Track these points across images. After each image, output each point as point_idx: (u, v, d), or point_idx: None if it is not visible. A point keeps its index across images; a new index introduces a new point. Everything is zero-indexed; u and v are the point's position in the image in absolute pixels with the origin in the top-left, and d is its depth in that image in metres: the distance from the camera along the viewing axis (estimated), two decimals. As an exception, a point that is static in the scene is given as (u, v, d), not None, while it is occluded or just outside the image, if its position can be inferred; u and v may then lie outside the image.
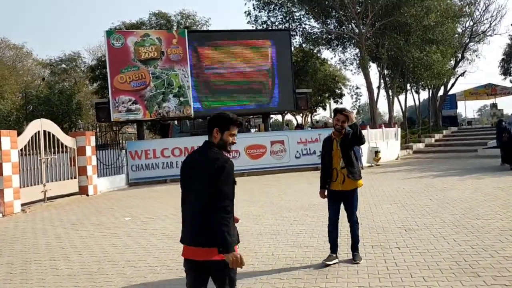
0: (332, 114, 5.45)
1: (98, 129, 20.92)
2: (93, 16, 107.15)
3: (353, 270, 5.06)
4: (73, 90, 31.47)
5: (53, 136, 13.83)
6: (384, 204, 9.32)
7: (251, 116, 25.76)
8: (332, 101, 38.04)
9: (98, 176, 15.95)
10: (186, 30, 20.34)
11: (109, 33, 18.58)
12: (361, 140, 5.27)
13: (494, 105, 38.29)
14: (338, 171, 5.34)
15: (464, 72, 37.55)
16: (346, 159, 5.33)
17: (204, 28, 33.72)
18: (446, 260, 5.19)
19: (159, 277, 5.33)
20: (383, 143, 22.18)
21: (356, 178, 5.38)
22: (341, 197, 5.45)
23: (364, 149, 20.57)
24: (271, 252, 6.15)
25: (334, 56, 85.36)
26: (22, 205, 12.14)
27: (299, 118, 44.54)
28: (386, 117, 41.55)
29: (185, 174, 2.96)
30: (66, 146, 14.50)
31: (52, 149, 13.74)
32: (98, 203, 12.98)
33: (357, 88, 34.21)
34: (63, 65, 40.51)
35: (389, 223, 7.46)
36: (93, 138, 15.74)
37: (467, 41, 34.52)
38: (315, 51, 29.35)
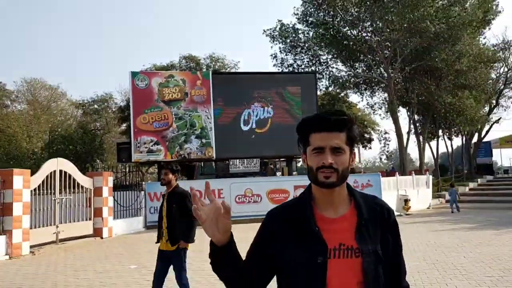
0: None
1: (127, 169, 20.72)
2: (127, 59, 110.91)
3: None
4: (103, 130, 31.82)
5: (70, 175, 13.57)
6: (412, 261, 8.40)
7: (276, 160, 25.19)
8: (361, 146, 37.11)
9: (114, 218, 15.49)
10: (210, 72, 20.32)
11: (134, 73, 18.65)
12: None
13: (532, 154, 36.57)
14: (164, 230, 5.21)
15: (499, 119, 36.25)
16: (168, 217, 5.21)
17: (233, 71, 33.97)
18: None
19: None
20: (413, 191, 21.10)
21: (174, 243, 5.14)
22: (168, 257, 5.21)
23: (393, 196, 19.58)
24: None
25: (362, 100, 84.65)
26: (33, 246, 11.75)
27: (327, 163, 43.63)
28: (418, 163, 40.21)
29: None
30: (82, 187, 14.21)
31: (68, 189, 13.46)
32: (110, 247, 12.45)
33: (386, 133, 33.34)
34: (95, 106, 41.35)
35: (417, 284, 6.60)
36: (110, 179, 15.42)
37: (502, 87, 33.47)
38: (342, 94, 28.89)
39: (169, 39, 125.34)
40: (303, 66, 27.23)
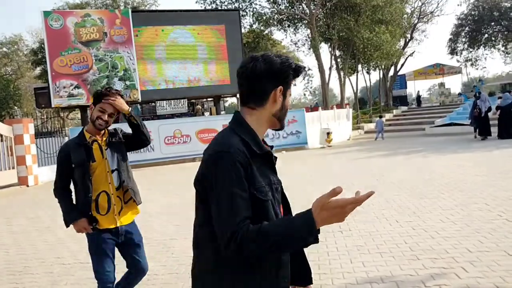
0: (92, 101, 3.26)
1: (45, 116, 19.88)
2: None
3: (293, 257, 4.85)
4: (16, 75, 29.83)
5: (-14, 124, 12.91)
6: (331, 186, 9.13)
7: (204, 100, 25.24)
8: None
9: (39, 166, 15.10)
10: (130, 10, 19.49)
11: (47, 13, 17.45)
12: (147, 139, 3.34)
13: (442, 84, 39.41)
14: (111, 195, 3.20)
15: (413, 52, 38.46)
16: (122, 173, 3.25)
17: (153, 8, 32.67)
18: (387, 242, 5.10)
19: (87, 274, 4.94)
20: (334, 124, 22.29)
21: (140, 201, 3.36)
22: (117, 240, 3.25)
23: (316, 130, 20.60)
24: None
25: (286, 37, 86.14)
26: (-47, 199, 11.31)
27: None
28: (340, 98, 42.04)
29: None
30: (1, 135, 13.59)
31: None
32: (38, 194, 12.25)
33: (309, 69, 34.21)
34: (4, 49, 38.36)
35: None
36: (31, 126, 14.83)
37: (416, 21, 35.23)
38: (266, 32, 29.02)
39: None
40: (226, 3, 26.76)
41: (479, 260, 4.27)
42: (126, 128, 3.41)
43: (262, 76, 1.56)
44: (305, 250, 1.60)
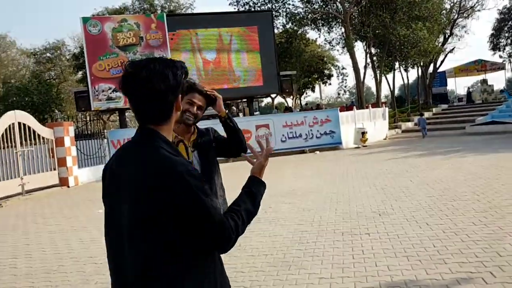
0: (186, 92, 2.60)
1: (88, 118, 20.56)
2: (77, 2, 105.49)
3: (317, 260, 4.84)
4: (59, 79, 30.97)
5: (29, 127, 13.48)
6: (363, 187, 9.12)
7: (239, 101, 25.43)
8: (321, 82, 37.73)
9: (79, 167, 15.64)
10: (165, 14, 19.89)
11: (85, 19, 18.07)
12: (244, 146, 2.82)
13: (484, 81, 38.04)
14: None
15: (453, 49, 37.28)
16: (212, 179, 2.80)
17: (189, 11, 33.19)
18: (415, 246, 5.00)
19: (118, 274, 5.09)
20: (370, 123, 21.94)
21: None
22: None
23: (351, 130, 20.35)
24: (238, 242, 5.92)
25: (319, 37, 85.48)
26: (-1, 199, 11.88)
27: (290, 101, 44.16)
28: (376, 97, 41.21)
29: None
30: (43, 138, 14.16)
31: (29, 141, 13.42)
32: (77, 194, 12.72)
33: (343, 68, 33.82)
34: (48, 54, 39.83)
35: (365, 207, 7.26)
36: (71, 128, 15.39)
37: (456, 17, 34.17)
38: (300, 31, 28.82)
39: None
40: (259, 4, 26.73)
41: (508, 264, 4.13)
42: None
43: (166, 93, 1.51)
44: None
